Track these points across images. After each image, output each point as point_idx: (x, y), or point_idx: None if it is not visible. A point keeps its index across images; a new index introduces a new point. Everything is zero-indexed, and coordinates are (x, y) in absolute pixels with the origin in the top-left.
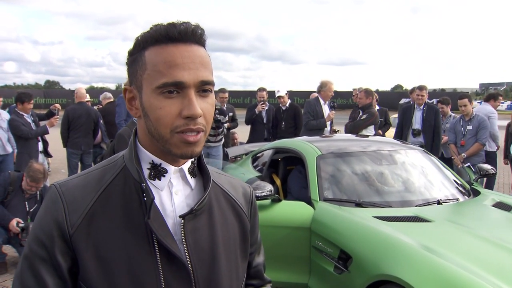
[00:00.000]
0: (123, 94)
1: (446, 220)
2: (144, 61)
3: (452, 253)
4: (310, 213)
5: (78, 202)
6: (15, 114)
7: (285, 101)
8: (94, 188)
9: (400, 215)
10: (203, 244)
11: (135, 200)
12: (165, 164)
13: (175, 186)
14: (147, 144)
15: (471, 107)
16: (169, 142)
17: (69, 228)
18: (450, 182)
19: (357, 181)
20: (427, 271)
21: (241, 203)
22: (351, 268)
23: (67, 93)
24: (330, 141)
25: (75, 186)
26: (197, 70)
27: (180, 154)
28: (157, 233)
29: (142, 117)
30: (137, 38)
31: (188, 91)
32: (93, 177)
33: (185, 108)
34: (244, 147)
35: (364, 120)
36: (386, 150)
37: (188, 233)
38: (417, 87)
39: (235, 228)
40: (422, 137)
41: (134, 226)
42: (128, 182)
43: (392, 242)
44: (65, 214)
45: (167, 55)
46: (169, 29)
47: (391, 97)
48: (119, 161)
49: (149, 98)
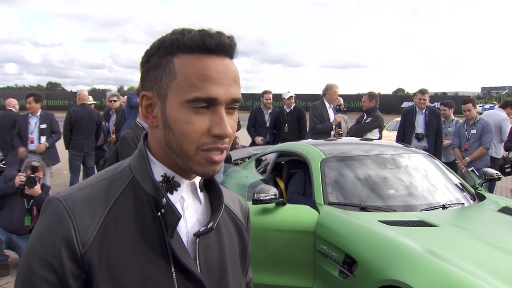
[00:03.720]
0: (140, 100)
1: (452, 224)
2: (173, 68)
3: (458, 258)
4: (314, 217)
5: (88, 218)
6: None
7: (292, 103)
8: (103, 202)
9: (405, 219)
10: (213, 262)
11: (148, 215)
12: (178, 177)
13: (186, 200)
14: (160, 156)
15: (475, 111)
16: (192, 159)
17: (81, 247)
18: (455, 187)
19: (362, 185)
20: (434, 276)
21: (240, 218)
22: (356, 273)
23: (69, 94)
24: (334, 144)
25: (83, 199)
26: (230, 87)
27: (201, 172)
28: (177, 253)
29: (162, 128)
30: (162, 40)
31: (220, 108)
32: (100, 190)
33: (216, 126)
34: (248, 150)
35: (369, 124)
36: (391, 154)
37: (201, 251)
38: (419, 90)
39: (237, 244)
40: (426, 141)
41: (149, 244)
42: (139, 195)
43: (397, 247)
44: (75, 231)
45: (202, 67)
46: (206, 38)
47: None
48: (125, 172)
49: (176, 111)
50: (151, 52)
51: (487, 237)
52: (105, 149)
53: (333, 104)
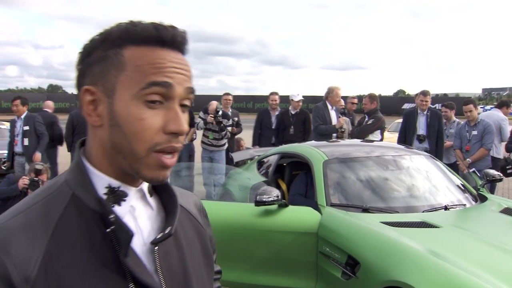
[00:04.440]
0: (81, 96)
1: (454, 225)
2: (122, 60)
3: (461, 259)
4: (317, 219)
5: (27, 249)
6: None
7: (299, 106)
8: (42, 228)
9: (407, 220)
10: (175, 269)
11: (95, 233)
12: (124, 186)
13: (136, 209)
14: (102, 163)
15: (476, 113)
16: (142, 162)
17: (24, 285)
18: (456, 188)
19: (364, 187)
20: (437, 277)
21: (195, 215)
22: (359, 274)
23: (70, 97)
24: (336, 146)
25: (17, 229)
26: (186, 78)
27: (150, 177)
28: (134, 271)
29: (108, 127)
30: (107, 32)
31: (174, 102)
32: (37, 214)
33: (171, 121)
34: (250, 152)
35: (371, 125)
36: (393, 156)
37: (162, 260)
38: (421, 92)
39: (196, 243)
40: (427, 143)
41: (102, 264)
42: (83, 213)
43: (400, 248)
44: (13, 268)
45: (156, 57)
46: (160, 30)
47: (393, 102)
48: (62, 188)
49: (126, 105)
50: (93, 46)
51: (489, 238)
52: None
53: (335, 106)
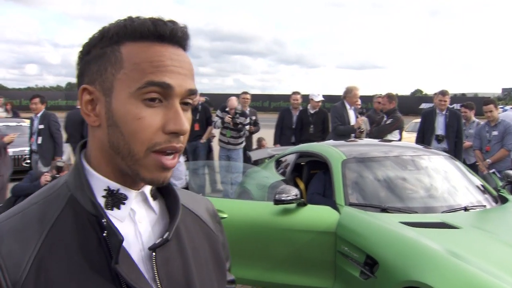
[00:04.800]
0: (79, 95)
1: (474, 227)
2: (119, 58)
3: (481, 260)
4: (335, 218)
5: (18, 252)
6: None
7: (319, 106)
8: (36, 231)
9: (427, 221)
10: (177, 276)
11: (91, 237)
12: (123, 188)
13: (137, 213)
14: (102, 164)
15: (497, 113)
16: (140, 163)
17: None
18: (476, 189)
19: (383, 186)
20: (456, 277)
21: (205, 219)
22: (377, 274)
23: None
24: (355, 145)
25: (10, 231)
26: (186, 77)
27: (149, 179)
28: (127, 278)
29: (106, 127)
30: (105, 29)
31: (174, 100)
32: (33, 216)
33: (171, 121)
34: (267, 150)
35: (389, 125)
36: (412, 156)
37: (160, 267)
38: (439, 92)
39: (205, 249)
40: (446, 143)
41: (97, 271)
42: (80, 216)
43: (420, 248)
44: (2, 271)
45: (154, 54)
46: (158, 25)
47: (411, 102)
48: (62, 189)
49: (124, 104)
50: (92, 43)
51: (510, 240)
52: None
53: (354, 106)
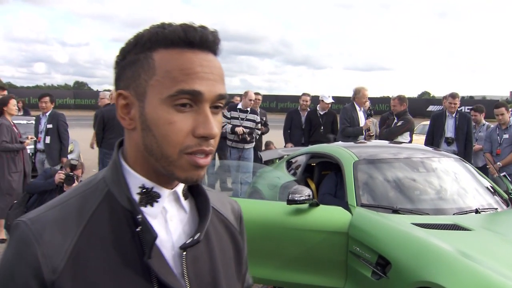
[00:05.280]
0: (115, 100)
1: (486, 229)
2: (152, 64)
3: (494, 261)
4: (347, 218)
5: (58, 241)
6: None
7: (328, 107)
8: (75, 222)
9: (438, 222)
10: (204, 275)
11: (125, 232)
12: (157, 187)
13: (169, 211)
14: (137, 163)
15: (508, 116)
16: (175, 164)
17: (51, 275)
18: (487, 191)
19: (394, 188)
20: (469, 278)
21: (231, 221)
22: (390, 274)
23: (96, 94)
24: (366, 147)
25: (51, 221)
26: (215, 82)
27: (184, 178)
28: (159, 273)
29: (140, 130)
30: (140, 35)
31: (204, 105)
32: (72, 208)
33: (200, 125)
34: (278, 151)
35: (400, 127)
36: (423, 158)
37: (189, 265)
38: (449, 94)
39: (230, 250)
40: (455, 145)
41: (129, 264)
42: (115, 210)
43: (432, 249)
44: (43, 258)
45: (185, 61)
46: (188, 32)
47: (419, 104)
48: (100, 184)
49: (156, 110)
50: (127, 49)
51: None
52: None
53: (363, 107)
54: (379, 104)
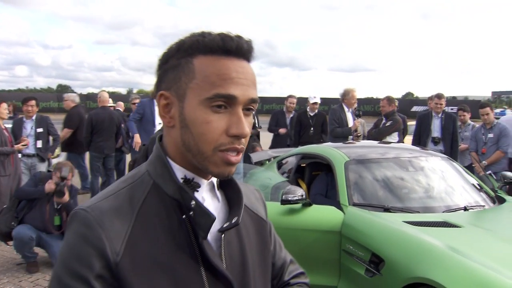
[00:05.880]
0: (157, 99)
1: (474, 225)
2: (192, 69)
3: (483, 256)
4: (340, 218)
5: (117, 226)
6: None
7: (316, 108)
8: (128, 210)
9: (429, 220)
10: (236, 257)
11: (173, 218)
12: (197, 178)
13: (206, 200)
14: (178, 157)
15: (492, 116)
16: (209, 160)
17: (115, 257)
18: (474, 189)
19: (385, 187)
20: (461, 273)
21: (256, 209)
22: (383, 271)
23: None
24: (356, 147)
25: (109, 209)
26: (248, 87)
27: (217, 173)
28: (208, 253)
29: (179, 128)
30: (181, 42)
31: (237, 107)
32: (124, 198)
33: (234, 125)
34: (268, 152)
35: (389, 127)
36: (412, 157)
37: (225, 247)
38: (435, 95)
39: (254, 235)
40: (442, 145)
41: (178, 246)
42: (163, 200)
43: (424, 246)
44: (106, 241)
45: (222, 67)
46: (226, 41)
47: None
48: (145, 177)
49: (194, 110)
50: (169, 54)
51: (510, 238)
52: (124, 151)
53: (351, 108)
54: (364, 104)
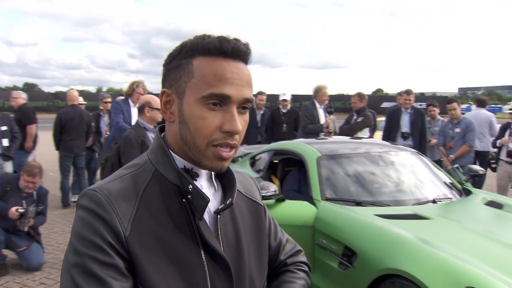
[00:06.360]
0: (160, 96)
1: (443, 217)
2: (191, 69)
3: (453, 247)
4: (313, 212)
5: (124, 205)
6: None
7: (287, 105)
8: (133, 193)
9: (399, 213)
10: (230, 238)
11: (174, 202)
12: (196, 168)
13: (204, 188)
14: (177, 150)
15: (459, 111)
16: (202, 153)
17: (124, 231)
18: (443, 182)
19: (357, 181)
20: (430, 263)
21: (250, 194)
22: (356, 264)
23: (47, 95)
24: (328, 143)
25: (115, 191)
26: (243, 87)
27: (210, 166)
28: (204, 234)
29: (178, 123)
30: (184, 44)
31: (232, 106)
32: (128, 181)
33: (227, 122)
34: (240, 149)
35: (360, 123)
36: (383, 152)
37: (222, 228)
38: (404, 91)
39: (249, 219)
40: (411, 140)
41: (179, 227)
42: (164, 185)
43: (395, 238)
44: (116, 216)
45: (218, 68)
46: (223, 43)
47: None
48: (147, 165)
49: (191, 107)
50: (173, 55)
51: (476, 228)
52: (94, 149)
53: (323, 105)
54: (334, 101)
